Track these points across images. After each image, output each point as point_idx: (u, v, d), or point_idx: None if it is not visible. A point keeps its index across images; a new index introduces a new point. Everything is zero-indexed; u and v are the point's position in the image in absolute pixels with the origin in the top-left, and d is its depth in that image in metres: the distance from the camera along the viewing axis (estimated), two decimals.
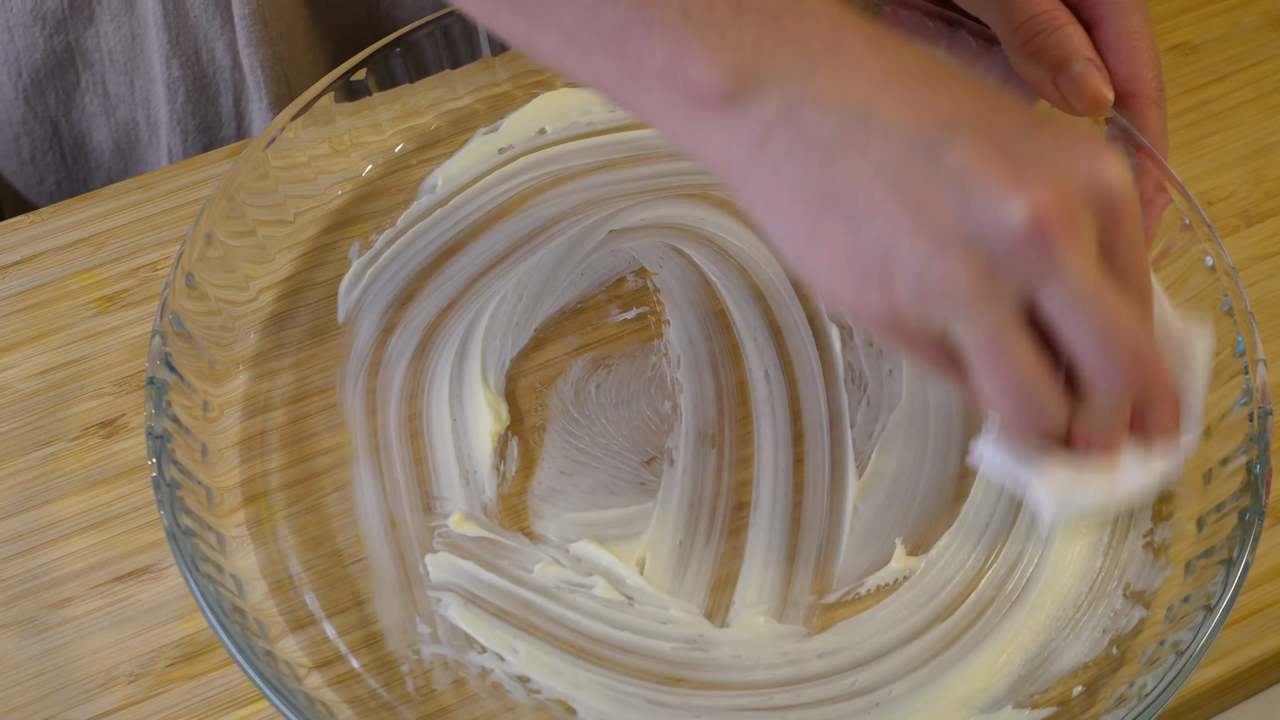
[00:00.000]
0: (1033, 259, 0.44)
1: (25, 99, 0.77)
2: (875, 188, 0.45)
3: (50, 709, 0.55)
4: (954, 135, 0.44)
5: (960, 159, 0.44)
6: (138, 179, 0.69)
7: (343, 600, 0.56)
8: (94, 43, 0.75)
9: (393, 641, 0.55)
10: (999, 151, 0.44)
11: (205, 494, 0.56)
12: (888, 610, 0.56)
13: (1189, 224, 0.59)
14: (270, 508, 0.58)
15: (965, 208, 0.44)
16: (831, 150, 0.45)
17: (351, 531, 0.58)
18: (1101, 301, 0.45)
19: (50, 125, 0.79)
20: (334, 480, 0.59)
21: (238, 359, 0.62)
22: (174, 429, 0.56)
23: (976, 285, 0.44)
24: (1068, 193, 0.44)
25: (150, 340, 0.58)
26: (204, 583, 0.52)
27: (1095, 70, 0.57)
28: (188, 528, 0.54)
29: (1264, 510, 0.53)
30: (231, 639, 0.51)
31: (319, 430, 0.61)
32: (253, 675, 0.50)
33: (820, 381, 0.61)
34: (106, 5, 0.74)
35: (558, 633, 0.55)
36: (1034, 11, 0.58)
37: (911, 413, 0.60)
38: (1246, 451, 0.55)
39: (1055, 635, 0.55)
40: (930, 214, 0.44)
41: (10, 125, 0.79)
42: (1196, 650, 0.51)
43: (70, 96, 0.78)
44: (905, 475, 0.59)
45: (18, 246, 0.67)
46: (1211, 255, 0.58)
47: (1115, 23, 0.58)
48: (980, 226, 0.44)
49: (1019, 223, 0.43)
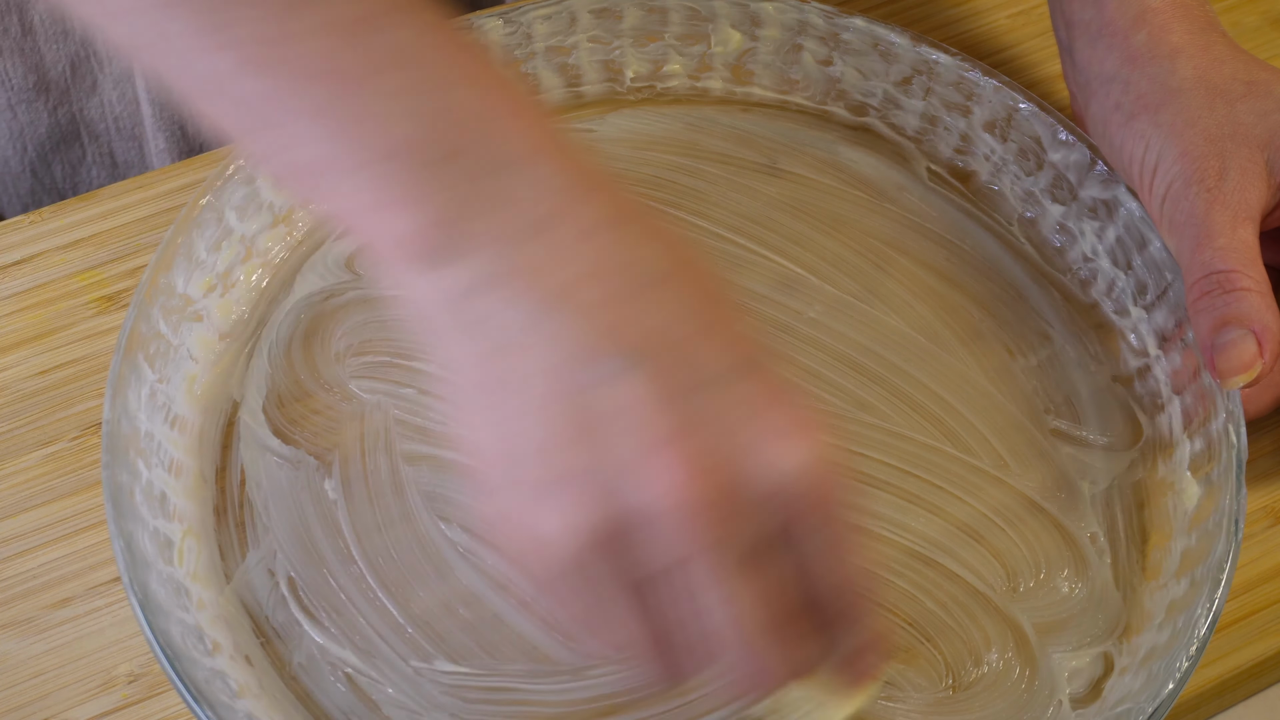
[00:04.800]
0: (665, 534, 0.40)
1: (32, 172, 0.77)
2: (534, 390, 0.40)
3: (50, 709, 0.55)
4: (633, 369, 0.40)
5: (627, 398, 0.39)
6: (137, 179, 0.69)
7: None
8: (98, 112, 0.75)
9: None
10: (670, 404, 0.40)
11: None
12: None
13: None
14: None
15: (607, 452, 0.40)
16: (513, 335, 0.40)
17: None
18: (740, 592, 0.41)
19: (58, 196, 0.79)
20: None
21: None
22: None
23: (598, 536, 0.40)
24: (723, 481, 0.39)
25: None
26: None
27: (1251, 342, 0.55)
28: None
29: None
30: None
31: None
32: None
33: None
34: (109, 73, 0.74)
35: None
36: (1215, 268, 0.56)
37: None
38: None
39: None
40: (572, 441, 0.40)
41: (19, 197, 0.79)
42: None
43: (76, 170, 0.78)
44: None
45: (18, 246, 0.67)
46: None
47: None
48: (612, 479, 0.39)
49: (652, 495, 0.39)
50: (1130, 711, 0.52)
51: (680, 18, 0.69)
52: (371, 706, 0.54)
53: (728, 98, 0.71)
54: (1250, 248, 0.57)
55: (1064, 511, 0.59)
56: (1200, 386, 0.59)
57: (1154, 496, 0.59)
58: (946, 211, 0.68)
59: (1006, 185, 0.68)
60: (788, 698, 0.47)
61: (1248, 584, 0.58)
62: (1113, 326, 0.64)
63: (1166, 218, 0.59)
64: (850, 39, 0.68)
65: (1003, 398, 0.62)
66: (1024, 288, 0.65)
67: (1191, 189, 0.57)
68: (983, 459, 0.60)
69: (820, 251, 0.66)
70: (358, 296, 0.64)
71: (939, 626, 0.56)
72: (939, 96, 0.68)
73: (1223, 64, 0.60)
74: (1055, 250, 0.66)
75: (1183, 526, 0.57)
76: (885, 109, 0.70)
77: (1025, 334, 0.64)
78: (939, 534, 0.58)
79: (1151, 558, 0.58)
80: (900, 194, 0.68)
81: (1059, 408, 0.62)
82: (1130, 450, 0.61)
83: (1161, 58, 0.60)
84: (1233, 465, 0.56)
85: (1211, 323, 0.56)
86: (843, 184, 0.68)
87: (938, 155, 0.69)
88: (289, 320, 0.63)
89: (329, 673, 0.55)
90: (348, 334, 0.63)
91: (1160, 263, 0.62)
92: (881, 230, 0.67)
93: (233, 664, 0.53)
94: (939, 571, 0.57)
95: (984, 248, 0.67)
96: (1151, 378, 0.62)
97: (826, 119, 0.70)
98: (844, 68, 0.69)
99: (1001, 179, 0.68)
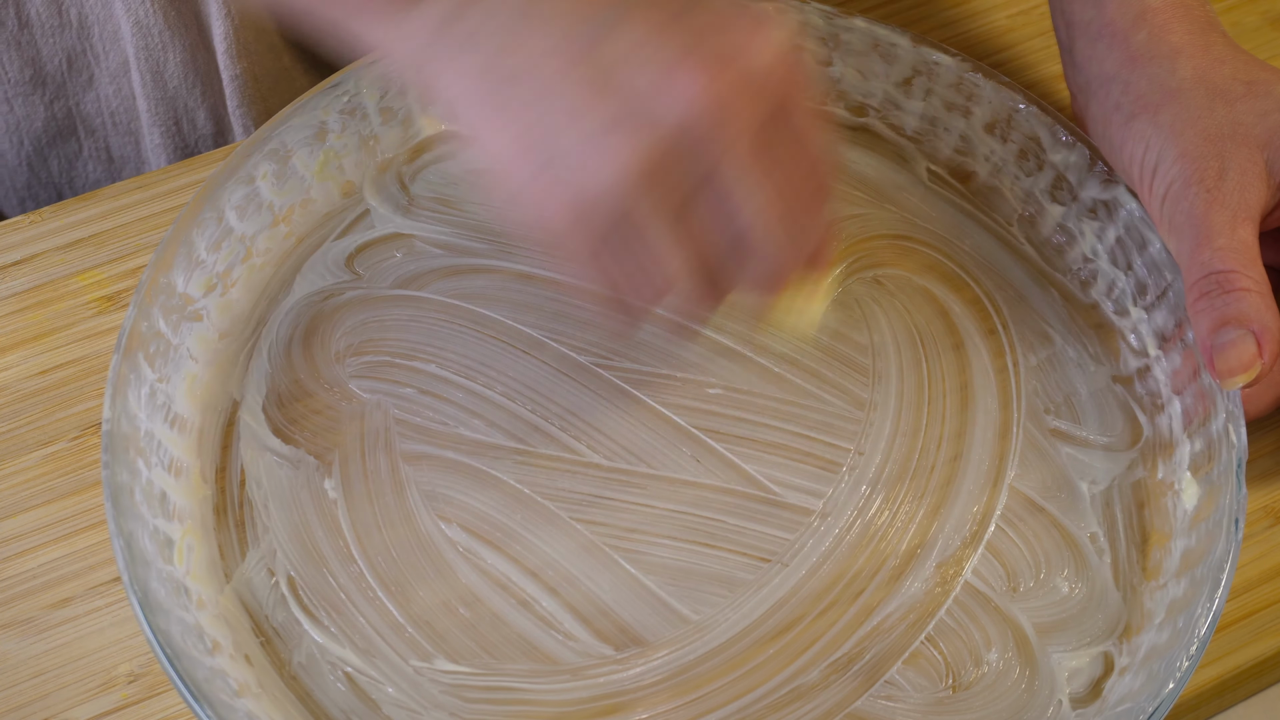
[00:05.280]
0: (701, 140, 0.45)
1: (29, 165, 0.78)
2: (550, 72, 0.46)
3: (50, 709, 0.55)
4: (620, 19, 0.46)
5: (627, 42, 0.45)
6: (138, 179, 0.69)
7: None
8: (94, 107, 0.75)
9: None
10: (665, 34, 0.46)
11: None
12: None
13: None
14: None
15: (639, 93, 0.45)
16: (507, 41, 0.46)
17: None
18: (762, 181, 0.47)
19: (54, 191, 0.79)
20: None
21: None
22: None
23: (653, 168, 0.45)
24: (735, 74, 0.45)
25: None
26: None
27: (1250, 342, 0.55)
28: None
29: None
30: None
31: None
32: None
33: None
34: (105, 67, 0.74)
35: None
36: (1215, 268, 0.56)
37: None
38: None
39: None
40: (603, 97, 0.45)
41: (15, 191, 0.79)
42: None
43: (72, 164, 0.78)
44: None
45: (18, 246, 0.67)
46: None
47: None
48: (647, 109, 0.45)
49: (686, 105, 0.45)
50: (1130, 711, 0.52)
51: None
52: (371, 706, 0.54)
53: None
54: (1250, 248, 0.57)
55: (1064, 511, 0.59)
56: (1200, 386, 0.59)
57: (1154, 496, 0.59)
58: (946, 211, 0.68)
59: (1006, 185, 0.68)
60: (777, 311, 0.55)
61: (1248, 584, 0.58)
62: (1113, 327, 0.64)
63: (1166, 218, 0.59)
64: (850, 39, 0.68)
65: (1003, 398, 0.62)
66: (1024, 288, 0.65)
67: (1191, 189, 0.57)
68: (983, 459, 0.60)
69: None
70: (358, 296, 0.64)
71: (939, 626, 0.56)
72: (939, 97, 0.68)
73: (1223, 64, 0.60)
74: (1055, 250, 0.66)
75: (1183, 526, 0.57)
76: (885, 109, 0.70)
77: (1025, 334, 0.64)
78: (939, 534, 0.58)
79: (1151, 558, 0.58)
80: (900, 194, 0.68)
81: (1059, 408, 0.62)
82: (1130, 450, 0.61)
83: (1161, 58, 0.60)
84: (1233, 465, 0.56)
85: (1211, 323, 0.56)
86: (843, 184, 0.68)
87: (938, 155, 0.69)
88: (289, 320, 0.63)
89: (329, 672, 0.55)
90: (348, 334, 0.63)
91: (1160, 263, 0.62)
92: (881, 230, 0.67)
93: (233, 663, 0.53)
94: (940, 571, 0.57)
95: (984, 248, 0.67)
96: (1151, 378, 0.62)
97: (826, 119, 0.70)
98: (844, 68, 0.69)
99: (1001, 179, 0.68)
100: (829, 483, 0.60)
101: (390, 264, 0.65)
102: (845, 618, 0.56)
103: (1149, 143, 0.59)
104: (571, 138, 0.46)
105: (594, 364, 0.62)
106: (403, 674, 0.54)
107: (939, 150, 0.69)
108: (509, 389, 0.61)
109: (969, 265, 0.66)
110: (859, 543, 0.58)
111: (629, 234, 0.48)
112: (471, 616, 0.56)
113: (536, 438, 0.60)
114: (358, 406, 0.61)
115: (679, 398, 0.61)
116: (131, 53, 0.72)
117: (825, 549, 0.58)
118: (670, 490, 0.59)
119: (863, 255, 0.66)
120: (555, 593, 0.56)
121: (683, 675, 0.55)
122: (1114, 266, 0.64)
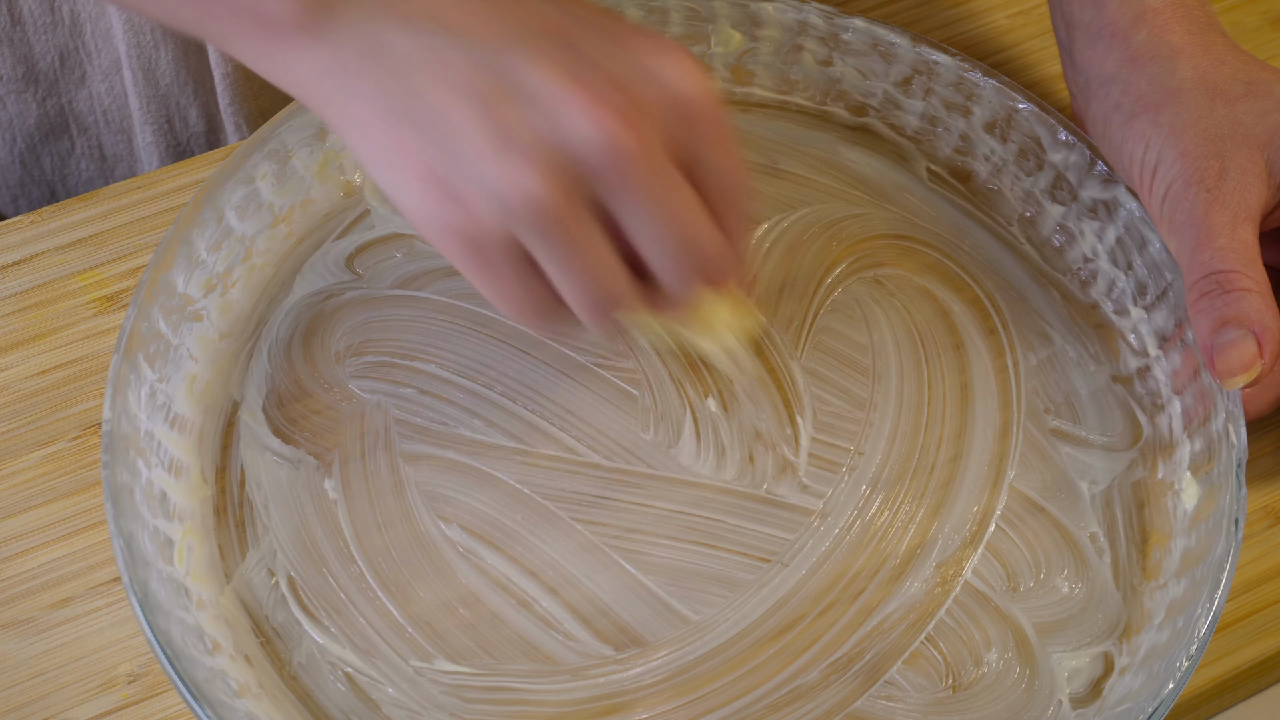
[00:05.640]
0: (603, 169, 0.46)
1: (22, 163, 0.78)
2: (447, 96, 0.46)
3: (50, 709, 0.55)
4: (528, 47, 0.46)
5: (533, 70, 0.45)
6: (138, 179, 0.69)
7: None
8: (87, 104, 0.75)
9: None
10: (572, 61, 0.46)
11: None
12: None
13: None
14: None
15: (536, 118, 0.45)
16: (406, 65, 0.46)
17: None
18: (667, 210, 0.47)
19: (47, 189, 0.79)
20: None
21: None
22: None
23: (549, 194, 0.45)
24: (640, 103, 0.46)
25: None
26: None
27: (1251, 342, 0.55)
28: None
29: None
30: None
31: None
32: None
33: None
34: (98, 65, 0.74)
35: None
36: (1215, 268, 0.56)
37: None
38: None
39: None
40: (501, 122, 0.45)
41: (8, 188, 0.79)
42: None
43: (65, 162, 0.78)
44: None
45: (18, 246, 0.67)
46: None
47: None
48: (551, 138, 0.45)
49: (589, 135, 0.45)
50: (1130, 711, 0.52)
51: (680, 18, 0.69)
52: (371, 706, 0.54)
53: (728, 98, 0.71)
54: (1250, 248, 0.57)
55: (1064, 511, 0.59)
56: (1200, 386, 0.59)
57: (1154, 496, 0.59)
58: (946, 211, 0.68)
59: (1006, 185, 0.68)
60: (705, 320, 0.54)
61: (1248, 584, 0.58)
62: (1113, 327, 0.64)
63: (1166, 218, 0.59)
64: (850, 39, 0.68)
65: (1003, 397, 0.62)
66: (1024, 288, 0.65)
67: (1191, 189, 0.57)
68: (983, 459, 0.60)
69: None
70: (358, 296, 0.64)
71: (939, 626, 0.56)
72: (939, 97, 0.68)
73: (1223, 64, 0.60)
74: (1055, 250, 0.66)
75: (1183, 526, 0.57)
76: (885, 109, 0.70)
77: (1025, 334, 0.64)
78: (939, 534, 0.58)
79: (1151, 557, 0.58)
80: (900, 194, 0.68)
81: (1059, 408, 0.62)
82: (1130, 450, 0.61)
83: (1161, 58, 0.60)
84: (1233, 465, 0.56)
85: (1211, 323, 0.56)
86: (843, 184, 0.68)
87: (937, 155, 0.69)
88: (289, 320, 0.63)
89: (329, 672, 0.55)
90: (348, 334, 0.63)
91: (1160, 263, 0.62)
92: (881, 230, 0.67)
93: (233, 663, 0.53)
94: (940, 571, 0.57)
95: (984, 248, 0.67)
96: (1151, 378, 0.62)
97: (826, 119, 0.70)
98: (844, 68, 0.69)
99: (1001, 179, 0.68)
100: (829, 483, 0.60)
101: (390, 264, 0.65)
102: (845, 618, 0.56)
103: (1149, 142, 0.59)
104: (463, 163, 0.46)
105: (594, 364, 0.62)
106: (403, 674, 0.54)
107: (939, 150, 0.69)
108: (509, 389, 0.61)
109: (969, 265, 0.66)
110: (859, 543, 0.58)
111: (522, 258, 0.48)
112: (471, 617, 0.56)
113: (536, 438, 0.60)
114: (358, 407, 0.61)
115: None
116: (123, 50, 0.72)
117: (825, 549, 0.58)
118: (670, 490, 0.59)
119: (863, 255, 0.66)
120: (555, 593, 0.56)
121: (683, 675, 0.55)
122: (1114, 266, 0.64)
